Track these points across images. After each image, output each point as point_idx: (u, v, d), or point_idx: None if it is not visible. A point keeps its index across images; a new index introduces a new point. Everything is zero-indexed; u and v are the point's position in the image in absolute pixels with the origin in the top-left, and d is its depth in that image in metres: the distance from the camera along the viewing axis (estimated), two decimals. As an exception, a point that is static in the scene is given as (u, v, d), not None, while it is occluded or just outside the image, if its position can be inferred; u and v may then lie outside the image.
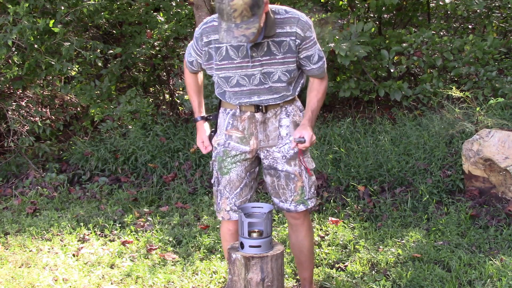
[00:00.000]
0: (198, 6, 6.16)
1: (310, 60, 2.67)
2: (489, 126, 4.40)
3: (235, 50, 2.60)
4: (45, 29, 5.27)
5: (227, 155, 2.83)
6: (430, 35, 5.47)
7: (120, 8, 6.64)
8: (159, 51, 6.61)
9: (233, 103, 2.77)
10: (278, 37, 2.57)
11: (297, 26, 2.56)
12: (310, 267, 3.05)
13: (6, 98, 6.17)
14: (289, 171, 2.80)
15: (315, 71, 2.71)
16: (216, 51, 2.64)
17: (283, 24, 2.56)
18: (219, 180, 2.87)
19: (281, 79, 2.66)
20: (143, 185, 5.18)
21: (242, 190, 2.85)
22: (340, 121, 5.49)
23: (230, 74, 2.66)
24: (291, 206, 2.84)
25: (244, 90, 2.69)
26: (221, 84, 2.73)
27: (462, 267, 3.36)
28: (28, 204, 4.93)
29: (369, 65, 5.67)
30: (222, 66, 2.65)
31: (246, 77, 2.65)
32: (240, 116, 2.77)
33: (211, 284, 3.35)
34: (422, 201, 4.28)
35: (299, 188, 2.81)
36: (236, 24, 2.35)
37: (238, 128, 2.80)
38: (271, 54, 2.59)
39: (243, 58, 2.61)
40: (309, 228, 2.96)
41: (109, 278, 3.46)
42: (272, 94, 2.71)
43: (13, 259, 3.77)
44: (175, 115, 6.27)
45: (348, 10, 6.28)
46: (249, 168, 2.86)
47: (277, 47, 2.58)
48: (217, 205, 2.91)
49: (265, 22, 2.51)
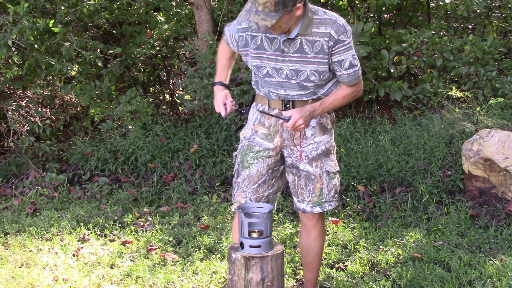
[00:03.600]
0: (198, 6, 6.17)
1: (341, 65, 2.62)
2: (489, 126, 4.40)
3: (269, 42, 2.62)
4: (45, 29, 5.27)
5: (250, 149, 2.83)
6: (430, 35, 5.48)
7: (120, 8, 6.64)
8: (159, 51, 6.62)
9: (263, 92, 2.77)
10: (312, 37, 2.56)
11: (332, 27, 2.55)
12: (315, 269, 3.03)
13: (6, 98, 6.17)
14: (310, 171, 2.79)
15: (344, 77, 2.67)
16: (252, 38, 2.65)
17: (319, 24, 2.56)
18: (239, 173, 2.87)
19: (309, 79, 2.65)
20: (143, 185, 5.18)
21: (259, 187, 2.84)
22: (340, 121, 5.49)
23: (262, 64, 2.67)
24: (308, 206, 2.83)
25: (273, 81, 2.70)
26: (255, 71, 2.75)
27: (462, 267, 3.36)
28: (28, 204, 4.93)
29: (369, 65, 5.67)
30: (256, 54, 2.67)
31: (275, 69, 2.66)
32: (268, 112, 2.76)
33: (211, 284, 3.35)
34: (422, 201, 4.28)
35: (317, 190, 2.80)
36: (257, 10, 2.39)
37: (264, 124, 2.80)
38: (303, 52, 2.59)
39: (274, 51, 2.62)
40: (322, 232, 2.94)
41: (109, 278, 3.46)
42: (300, 90, 2.70)
43: (13, 259, 3.77)
44: (175, 115, 6.27)
45: (348, 10, 6.28)
46: (272, 166, 2.84)
47: (309, 46, 2.58)
48: (233, 196, 2.91)
49: (302, 20, 2.53)
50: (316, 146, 2.78)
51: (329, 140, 2.82)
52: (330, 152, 2.82)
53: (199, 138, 5.44)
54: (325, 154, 2.80)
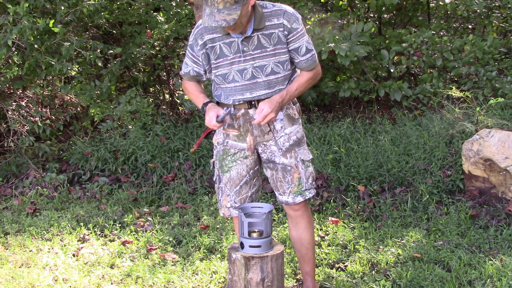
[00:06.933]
0: (198, 6, 6.16)
1: (298, 52, 2.73)
2: (489, 126, 4.40)
3: (227, 47, 2.69)
4: (45, 29, 5.27)
5: (226, 153, 2.89)
6: (430, 35, 5.48)
7: (120, 8, 6.64)
8: (159, 51, 6.61)
9: (226, 101, 2.82)
10: (267, 30, 2.66)
11: (283, 17, 2.66)
12: (311, 260, 3.05)
13: (6, 98, 6.17)
14: (285, 163, 2.84)
15: (303, 63, 2.76)
16: (211, 50, 2.73)
17: (270, 16, 2.66)
18: (220, 178, 2.94)
19: (274, 71, 2.72)
20: (143, 185, 5.18)
21: (241, 188, 2.90)
22: (340, 121, 5.49)
23: (226, 71, 2.73)
24: (289, 198, 2.88)
25: (238, 86, 2.75)
26: (218, 82, 2.79)
27: (462, 267, 3.36)
28: (28, 204, 4.93)
29: (369, 65, 5.67)
30: (218, 64, 2.74)
31: (238, 72, 2.72)
32: (235, 114, 2.82)
33: (211, 284, 3.35)
34: (422, 201, 4.28)
35: (296, 180, 2.85)
36: (218, 9, 2.48)
37: (234, 126, 2.84)
38: (262, 47, 2.68)
39: (235, 53, 2.69)
40: (309, 220, 2.98)
41: (109, 278, 3.46)
42: (266, 89, 2.75)
43: (13, 259, 3.77)
44: (175, 115, 6.27)
45: (348, 10, 6.28)
46: (251, 166, 2.90)
47: (267, 39, 2.67)
48: (219, 202, 2.97)
49: (254, 15, 2.62)
50: (287, 137, 2.84)
51: (298, 129, 2.88)
52: (302, 141, 2.89)
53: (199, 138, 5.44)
54: (297, 144, 2.86)
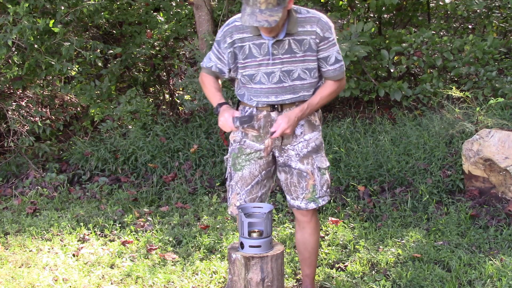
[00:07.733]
0: (198, 6, 6.17)
1: (327, 61, 2.72)
2: (489, 126, 4.40)
3: (257, 48, 2.67)
4: (45, 29, 5.27)
5: (241, 152, 2.88)
6: (430, 35, 5.47)
7: (120, 8, 6.64)
8: (159, 51, 6.62)
9: (250, 103, 2.81)
10: (299, 36, 2.64)
11: (317, 25, 2.64)
12: (313, 264, 3.07)
13: (6, 98, 6.17)
14: (302, 169, 2.83)
15: (330, 72, 2.75)
16: (240, 50, 2.70)
17: (304, 23, 2.64)
18: (232, 176, 2.93)
19: (301, 77, 2.71)
20: (143, 185, 5.18)
21: (252, 188, 2.89)
22: (340, 121, 5.49)
23: (253, 72, 2.71)
24: (302, 203, 2.87)
25: (263, 89, 2.73)
26: (244, 82, 2.77)
27: (462, 267, 3.36)
28: (28, 204, 4.93)
29: (369, 65, 5.67)
30: (246, 64, 2.71)
31: (266, 75, 2.70)
32: (257, 115, 2.80)
33: (211, 284, 3.36)
34: (422, 201, 4.28)
35: (310, 186, 2.85)
36: (261, 9, 2.45)
37: (254, 127, 2.82)
38: (292, 52, 2.66)
39: (264, 55, 2.67)
40: (316, 226, 2.99)
41: (109, 278, 3.46)
42: (291, 93, 2.74)
43: (13, 259, 3.77)
44: (175, 115, 6.27)
45: (348, 10, 6.28)
46: (264, 167, 2.89)
47: (297, 45, 2.66)
48: (228, 199, 2.97)
49: (288, 19, 2.60)
50: (306, 143, 2.83)
51: (318, 137, 2.87)
52: (320, 148, 2.88)
53: (199, 138, 5.44)
54: (315, 151, 2.85)
